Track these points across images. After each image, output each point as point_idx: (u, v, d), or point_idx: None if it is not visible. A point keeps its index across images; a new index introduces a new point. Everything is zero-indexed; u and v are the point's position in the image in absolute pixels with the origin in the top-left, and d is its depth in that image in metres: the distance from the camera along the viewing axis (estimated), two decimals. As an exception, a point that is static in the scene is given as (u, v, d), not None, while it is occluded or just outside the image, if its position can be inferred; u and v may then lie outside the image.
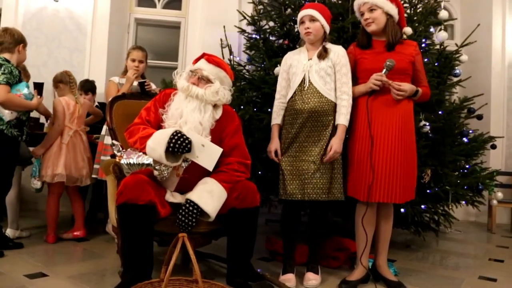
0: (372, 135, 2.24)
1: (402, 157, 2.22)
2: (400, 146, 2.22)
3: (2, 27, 2.90)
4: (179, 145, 1.91)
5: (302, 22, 2.36)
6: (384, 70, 2.21)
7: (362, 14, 2.34)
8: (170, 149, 1.90)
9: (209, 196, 2.01)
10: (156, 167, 1.97)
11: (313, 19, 2.32)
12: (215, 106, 2.17)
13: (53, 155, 3.00)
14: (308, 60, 2.36)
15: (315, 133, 2.32)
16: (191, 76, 2.16)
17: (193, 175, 2.08)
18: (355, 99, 2.35)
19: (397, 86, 2.21)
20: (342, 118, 2.29)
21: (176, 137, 1.91)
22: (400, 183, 2.21)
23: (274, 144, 2.40)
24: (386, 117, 2.25)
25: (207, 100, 2.10)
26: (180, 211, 1.99)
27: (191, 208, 1.97)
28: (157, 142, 1.93)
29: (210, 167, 2.00)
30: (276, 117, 2.44)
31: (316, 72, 2.32)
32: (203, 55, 2.22)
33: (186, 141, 1.92)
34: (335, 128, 2.32)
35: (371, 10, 2.29)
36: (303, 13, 2.36)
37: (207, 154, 1.99)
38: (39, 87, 2.78)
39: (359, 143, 2.29)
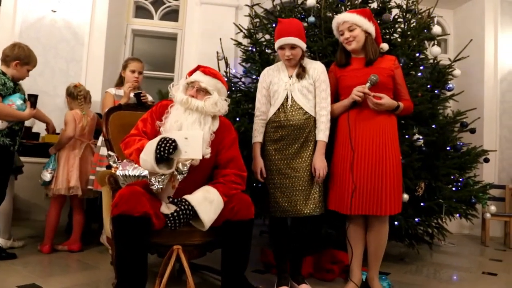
0: (354, 149, 2.27)
1: (383, 170, 2.24)
2: (383, 159, 2.25)
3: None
4: (163, 148, 1.91)
5: (281, 48, 2.35)
6: (368, 84, 2.26)
7: (342, 34, 2.39)
8: (158, 156, 1.91)
9: (209, 206, 2.01)
10: (152, 180, 1.97)
11: (293, 47, 2.32)
12: (213, 117, 2.18)
13: (68, 168, 3.06)
14: (289, 77, 2.38)
15: (300, 148, 2.34)
16: (188, 89, 2.17)
17: (189, 186, 2.08)
18: (338, 114, 2.39)
19: (374, 99, 2.25)
20: (322, 134, 2.33)
21: (160, 143, 1.92)
22: (381, 196, 2.22)
23: (259, 164, 2.39)
24: (366, 131, 2.28)
25: (207, 112, 2.12)
26: (176, 210, 1.97)
27: (186, 210, 1.97)
28: (148, 153, 1.94)
29: (199, 155, 1.97)
30: (258, 135, 2.44)
31: (299, 90, 2.35)
32: (198, 67, 2.24)
33: (170, 142, 1.92)
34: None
35: (350, 29, 2.34)
36: (283, 41, 2.31)
37: (192, 144, 1.96)
38: (33, 98, 2.79)
39: (340, 157, 2.33)
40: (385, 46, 2.50)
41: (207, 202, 2.00)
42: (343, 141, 2.34)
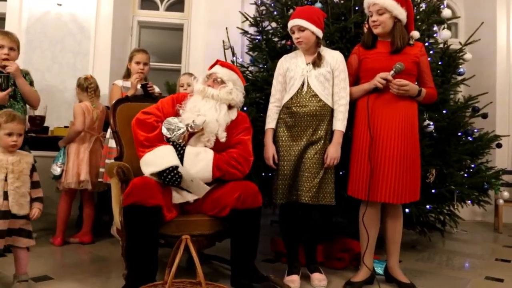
0: (372, 134, 2.24)
1: (404, 157, 2.21)
2: (402, 147, 2.21)
3: None
4: (169, 179, 2.05)
5: (292, 32, 2.36)
6: (392, 71, 2.20)
7: (370, 15, 2.31)
8: (162, 178, 2.06)
9: (195, 160, 2.14)
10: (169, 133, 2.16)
11: (301, 29, 2.31)
12: (231, 108, 2.30)
13: (78, 162, 3.07)
14: (307, 64, 2.36)
15: (312, 136, 2.32)
16: (206, 80, 2.32)
17: None
18: (357, 98, 2.35)
19: (398, 82, 2.20)
20: (339, 123, 2.30)
21: (168, 171, 2.05)
22: (401, 183, 2.20)
23: (271, 150, 2.38)
24: (388, 117, 2.24)
25: (221, 99, 2.24)
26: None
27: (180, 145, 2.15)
28: (157, 160, 2.09)
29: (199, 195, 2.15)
30: (271, 122, 2.43)
31: (316, 77, 2.33)
32: (217, 62, 2.41)
33: (176, 176, 2.06)
34: (331, 132, 2.32)
35: (379, 12, 2.26)
36: (291, 23, 2.34)
37: (195, 188, 2.13)
38: (5, 79, 2.64)
39: (359, 142, 2.30)
40: (415, 34, 2.37)
41: (196, 158, 2.14)
42: (362, 126, 2.30)
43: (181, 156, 2.12)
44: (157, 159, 2.06)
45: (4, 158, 2.02)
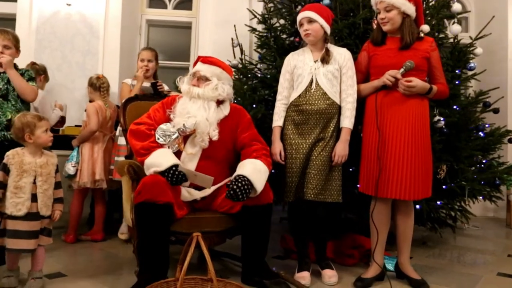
0: (381, 130, 2.23)
1: (414, 154, 2.19)
2: (412, 143, 2.20)
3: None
4: (174, 178, 2.03)
5: (301, 24, 2.36)
6: (402, 69, 2.19)
7: (378, 12, 2.30)
8: (168, 180, 2.03)
9: (259, 175, 2.10)
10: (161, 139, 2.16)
11: (311, 21, 2.32)
12: (221, 103, 2.29)
13: (92, 161, 3.09)
14: (315, 62, 2.36)
15: (320, 134, 2.32)
16: (191, 80, 2.29)
17: (208, 167, 2.19)
18: (367, 95, 2.34)
19: (405, 82, 2.19)
20: (347, 121, 2.30)
21: (172, 172, 2.03)
22: (412, 180, 2.18)
23: (278, 146, 2.39)
24: (398, 114, 2.23)
25: (208, 97, 2.22)
26: (233, 183, 2.02)
27: (244, 182, 2.02)
28: (156, 161, 2.08)
29: (208, 185, 2.14)
30: (278, 119, 2.43)
31: (324, 74, 2.32)
32: (198, 58, 2.35)
33: (180, 175, 2.03)
34: (339, 130, 2.32)
35: (387, 9, 2.24)
36: (301, 15, 2.36)
37: (202, 180, 2.11)
38: None
39: (369, 139, 2.29)
40: (425, 28, 2.35)
41: (257, 171, 2.10)
42: (371, 123, 2.29)
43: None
44: (156, 161, 2.07)
45: (33, 160, 2.06)
